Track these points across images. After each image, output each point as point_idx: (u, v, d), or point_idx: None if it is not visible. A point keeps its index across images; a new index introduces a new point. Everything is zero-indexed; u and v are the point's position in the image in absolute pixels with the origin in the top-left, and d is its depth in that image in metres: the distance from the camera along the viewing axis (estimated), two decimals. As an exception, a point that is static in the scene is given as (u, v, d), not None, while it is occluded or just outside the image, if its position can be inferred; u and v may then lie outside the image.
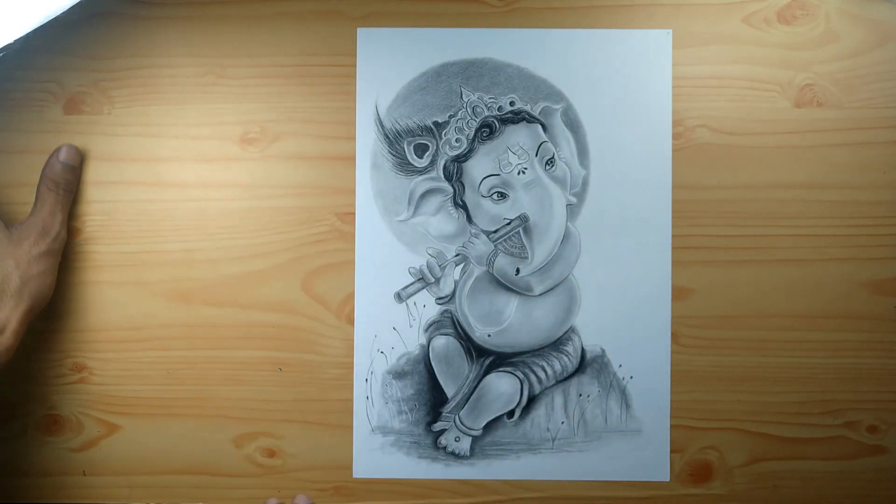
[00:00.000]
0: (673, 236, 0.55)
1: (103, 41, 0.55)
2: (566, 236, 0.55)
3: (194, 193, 0.55)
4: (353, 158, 0.55)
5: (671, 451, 0.55)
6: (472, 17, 0.55)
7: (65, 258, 0.55)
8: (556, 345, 0.55)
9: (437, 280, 0.55)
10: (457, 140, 0.54)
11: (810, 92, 0.54)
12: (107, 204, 0.55)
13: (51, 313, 0.55)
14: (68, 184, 0.53)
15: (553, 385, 0.55)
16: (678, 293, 0.55)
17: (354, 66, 0.55)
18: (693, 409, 0.55)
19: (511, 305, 0.55)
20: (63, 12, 0.50)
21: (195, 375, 0.55)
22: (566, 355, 0.55)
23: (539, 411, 0.55)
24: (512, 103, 0.54)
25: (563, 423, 0.55)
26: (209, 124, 0.55)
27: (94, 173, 0.55)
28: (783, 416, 0.55)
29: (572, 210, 0.55)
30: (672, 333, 0.55)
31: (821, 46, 0.54)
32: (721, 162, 0.55)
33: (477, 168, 0.54)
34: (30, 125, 0.55)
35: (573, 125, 0.55)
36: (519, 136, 0.54)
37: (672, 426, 0.55)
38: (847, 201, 0.54)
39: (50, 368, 0.56)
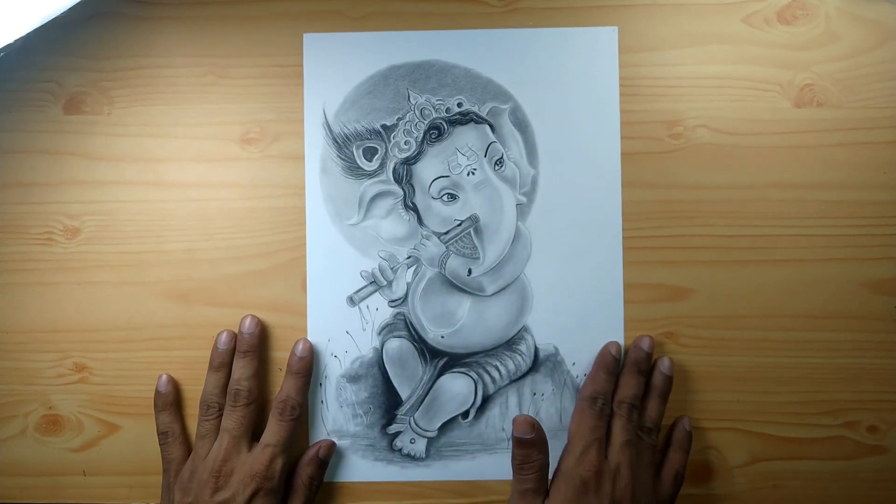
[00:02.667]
0: (673, 236, 0.55)
1: (103, 41, 0.55)
2: (517, 236, 0.55)
3: (194, 193, 0.55)
4: (302, 159, 0.55)
5: (671, 451, 0.55)
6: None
7: (65, 258, 0.55)
8: (510, 344, 0.55)
9: (390, 283, 0.55)
10: (405, 143, 0.54)
11: (810, 92, 0.54)
12: (107, 204, 0.55)
13: (51, 313, 0.55)
14: (319, 480, 0.53)
15: (507, 385, 0.55)
16: (678, 293, 0.55)
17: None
18: (693, 409, 0.55)
19: (464, 306, 0.55)
20: (63, 12, 0.50)
21: (195, 375, 0.55)
22: (519, 354, 0.55)
23: (493, 411, 0.55)
24: (460, 104, 0.55)
25: None
26: (209, 124, 0.55)
27: (94, 173, 0.55)
28: (783, 416, 0.55)
29: (522, 210, 0.55)
30: (672, 333, 0.55)
31: (821, 46, 0.54)
32: (721, 162, 0.55)
33: (426, 170, 0.55)
34: (30, 125, 0.55)
35: (521, 125, 0.55)
36: (467, 138, 0.55)
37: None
38: (847, 201, 0.54)
39: (50, 368, 0.56)
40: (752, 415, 0.55)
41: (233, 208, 0.55)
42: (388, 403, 0.55)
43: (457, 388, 0.55)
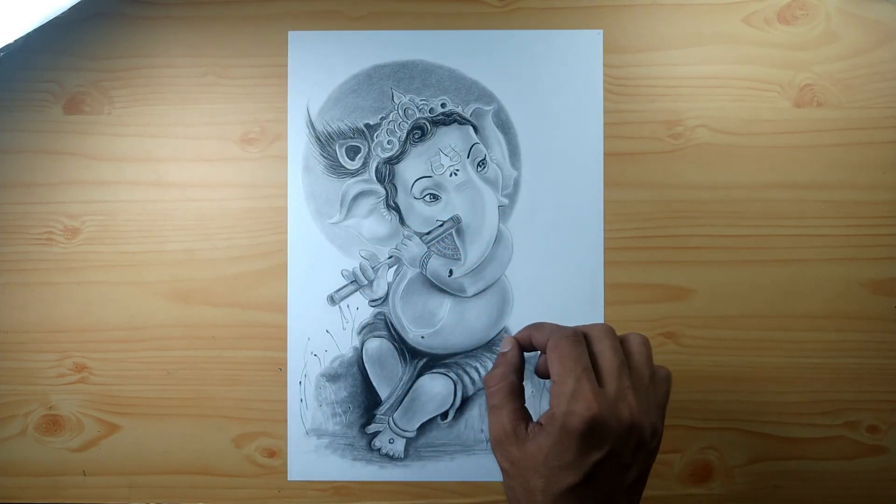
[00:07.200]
0: (673, 236, 0.55)
1: (103, 41, 0.55)
2: (498, 238, 0.55)
3: (194, 193, 0.55)
4: (285, 159, 0.55)
5: (671, 451, 0.55)
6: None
7: (65, 258, 0.55)
8: (490, 346, 0.55)
9: (371, 282, 0.55)
10: (388, 142, 0.54)
11: (810, 92, 0.54)
12: (107, 204, 0.55)
13: (51, 313, 0.55)
14: None
15: None
16: (678, 293, 0.55)
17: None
18: (693, 409, 0.55)
19: (444, 307, 0.55)
20: (63, 12, 0.50)
21: (195, 375, 0.55)
22: None
23: (472, 412, 0.55)
24: (443, 105, 0.55)
25: None
26: (209, 124, 0.55)
27: (94, 173, 0.55)
28: (783, 416, 0.55)
29: (504, 211, 0.55)
30: (672, 333, 0.55)
31: (821, 46, 0.54)
32: (721, 162, 0.55)
33: (409, 170, 0.55)
34: (30, 125, 0.55)
35: (504, 127, 0.55)
36: (450, 138, 0.55)
37: (672, 426, 0.55)
38: (847, 201, 0.54)
39: (50, 368, 0.56)
40: (752, 415, 0.55)
41: (233, 208, 0.55)
42: (368, 403, 0.55)
43: (436, 389, 0.55)
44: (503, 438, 0.41)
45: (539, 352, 0.44)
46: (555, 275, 0.55)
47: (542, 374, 0.43)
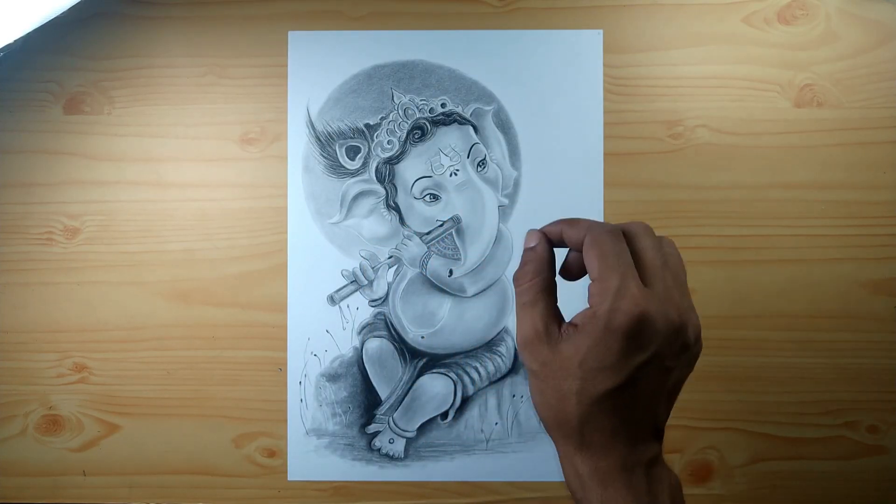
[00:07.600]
0: (673, 236, 0.55)
1: (103, 41, 0.55)
2: (498, 238, 0.55)
3: (194, 193, 0.55)
4: (285, 159, 0.55)
5: (671, 451, 0.55)
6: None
7: (65, 258, 0.55)
8: (489, 346, 0.55)
9: (371, 282, 0.55)
10: (388, 142, 0.55)
11: (810, 92, 0.54)
12: (107, 204, 0.55)
13: (51, 313, 0.55)
14: None
15: (486, 386, 0.55)
16: (678, 293, 0.55)
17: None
18: (693, 409, 0.55)
19: (444, 307, 0.55)
20: (63, 12, 0.50)
21: (195, 375, 0.55)
22: (499, 356, 0.55)
23: (473, 412, 0.55)
24: (443, 105, 0.55)
25: (496, 423, 0.55)
26: (209, 124, 0.55)
27: (94, 173, 0.55)
28: (783, 416, 0.55)
29: (504, 211, 0.55)
30: (672, 333, 0.55)
31: (821, 46, 0.54)
32: (721, 162, 0.55)
33: (409, 170, 0.55)
34: (30, 125, 0.55)
35: (504, 127, 0.55)
36: (450, 138, 0.55)
37: (672, 426, 0.55)
38: (847, 201, 0.54)
39: (50, 368, 0.56)
40: (752, 415, 0.55)
41: (233, 208, 0.55)
42: (368, 403, 0.55)
43: (436, 389, 0.55)
44: (533, 338, 0.38)
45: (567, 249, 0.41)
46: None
47: (572, 271, 0.41)
